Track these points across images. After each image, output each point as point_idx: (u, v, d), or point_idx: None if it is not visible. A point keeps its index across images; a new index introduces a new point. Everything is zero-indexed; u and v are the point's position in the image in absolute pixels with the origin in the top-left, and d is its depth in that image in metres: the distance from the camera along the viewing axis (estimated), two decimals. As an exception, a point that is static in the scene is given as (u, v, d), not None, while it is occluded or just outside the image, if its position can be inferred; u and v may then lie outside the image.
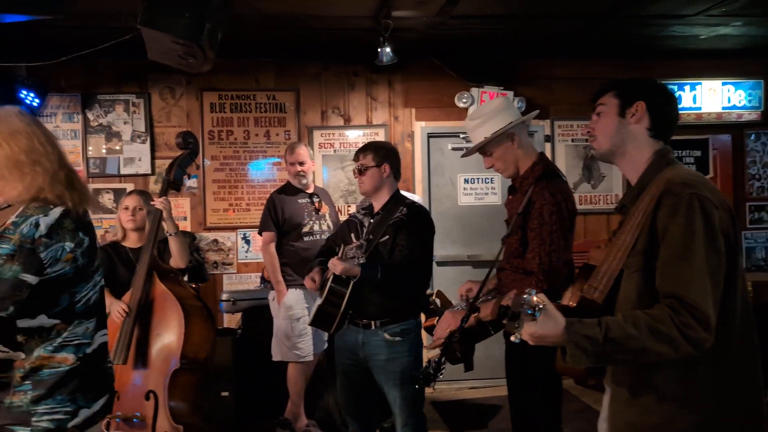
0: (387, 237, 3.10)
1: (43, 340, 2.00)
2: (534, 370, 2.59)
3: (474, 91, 5.54)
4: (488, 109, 2.75)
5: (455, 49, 5.45)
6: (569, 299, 1.85)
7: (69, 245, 1.99)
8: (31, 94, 5.03)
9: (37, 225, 1.94)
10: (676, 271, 1.65)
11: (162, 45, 3.56)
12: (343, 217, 5.45)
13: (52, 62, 4.52)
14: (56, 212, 1.98)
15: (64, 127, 5.35)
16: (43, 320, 1.99)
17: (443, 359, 2.43)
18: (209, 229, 5.55)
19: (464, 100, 5.52)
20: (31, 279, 1.92)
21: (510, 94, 5.53)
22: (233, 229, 5.57)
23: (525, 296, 1.58)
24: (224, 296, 4.99)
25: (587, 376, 1.82)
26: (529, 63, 5.75)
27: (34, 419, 1.99)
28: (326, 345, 4.57)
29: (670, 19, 4.80)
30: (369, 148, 3.28)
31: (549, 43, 5.43)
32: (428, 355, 2.61)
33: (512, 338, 1.61)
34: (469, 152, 2.85)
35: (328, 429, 4.53)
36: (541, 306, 1.58)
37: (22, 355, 1.99)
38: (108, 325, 3.21)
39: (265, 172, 5.59)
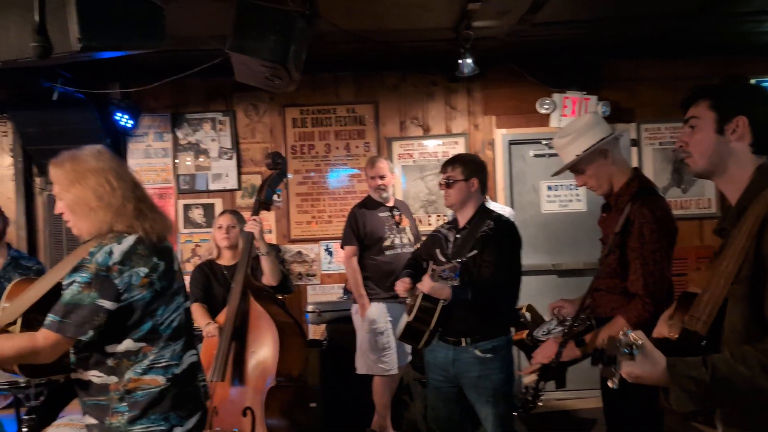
0: (475, 252, 3.06)
1: (132, 363, 2.11)
2: (631, 387, 2.50)
3: (556, 96, 5.43)
4: (578, 125, 2.68)
5: (535, 54, 5.35)
6: (669, 330, 1.76)
7: (143, 270, 2.10)
8: (126, 116, 5.28)
9: (110, 253, 2.06)
10: None
11: (249, 68, 3.65)
12: (422, 227, 5.46)
13: (146, 87, 4.72)
14: (130, 240, 2.11)
15: (155, 145, 5.58)
16: (129, 344, 2.10)
17: (541, 385, 2.39)
18: (293, 242, 5.66)
19: (546, 106, 5.42)
20: (108, 305, 2.04)
21: (593, 98, 5.39)
22: (316, 240, 5.67)
23: (621, 337, 1.48)
24: (310, 307, 5.08)
25: (696, 413, 1.72)
26: (613, 65, 5.57)
27: None
28: (410, 358, 4.58)
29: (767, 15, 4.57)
30: (457, 161, 3.24)
31: (634, 44, 5.25)
32: (525, 381, 2.57)
33: (610, 384, 1.50)
34: (560, 171, 2.78)
35: (415, 441, 4.54)
36: (638, 343, 1.49)
37: (116, 379, 2.11)
38: (206, 342, 3.38)
39: (345, 184, 5.66)
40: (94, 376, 2.12)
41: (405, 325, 3.17)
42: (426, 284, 2.94)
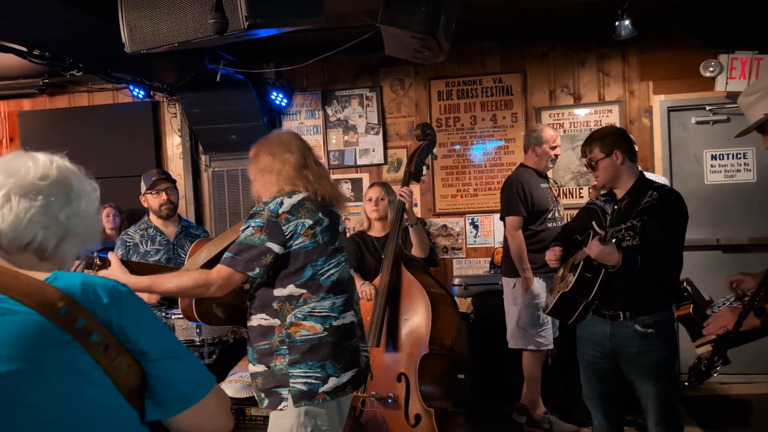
0: (639, 223, 2.90)
1: (293, 308, 2.32)
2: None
3: (722, 57, 5.00)
4: (768, 82, 2.45)
5: (698, 13, 4.94)
6: None
7: (308, 222, 2.33)
8: (280, 95, 5.53)
9: (281, 203, 2.33)
10: None
11: (399, 41, 3.68)
12: (573, 200, 5.29)
13: (299, 66, 4.91)
14: (299, 196, 2.37)
15: (307, 123, 5.81)
16: (292, 289, 2.34)
17: (716, 357, 2.24)
18: (438, 215, 5.69)
19: (711, 69, 5.00)
20: (276, 248, 2.29)
21: (767, 58, 4.91)
22: (461, 214, 5.65)
23: None
24: (456, 280, 5.10)
25: None
26: (792, 19, 5.03)
27: (291, 380, 2.30)
28: (557, 333, 4.46)
29: None
30: (593, 140, 3.11)
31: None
32: (699, 351, 2.43)
33: None
34: (744, 132, 2.56)
35: (566, 417, 4.43)
36: None
37: (278, 322, 2.34)
38: (361, 307, 3.49)
39: (491, 156, 5.58)
40: (262, 319, 2.37)
41: (558, 296, 3.09)
42: (595, 248, 2.83)
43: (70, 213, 1.27)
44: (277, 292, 2.34)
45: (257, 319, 2.38)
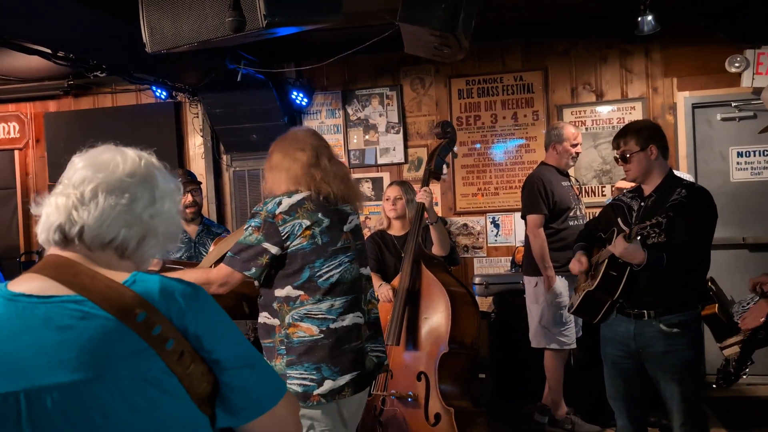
0: (666, 220, 2.85)
1: (290, 309, 2.33)
2: None
3: (748, 53, 4.91)
4: (791, 76, 2.40)
5: (722, 7, 4.86)
6: None
7: (306, 223, 2.32)
8: (301, 95, 5.54)
9: (279, 203, 2.33)
10: None
11: (419, 38, 3.67)
12: (596, 198, 5.23)
13: (319, 65, 4.92)
14: (299, 195, 2.36)
15: (328, 122, 5.81)
16: (289, 291, 2.35)
17: (746, 358, 2.19)
18: (459, 214, 5.66)
19: (737, 64, 4.91)
20: (272, 249, 2.30)
21: (795, 52, 4.81)
22: (482, 213, 5.62)
23: None
24: (477, 279, 5.08)
25: None
26: (822, 13, 4.93)
27: (288, 381, 2.30)
28: (580, 332, 4.42)
29: None
30: (629, 132, 3.04)
31: None
32: (726, 353, 2.39)
33: None
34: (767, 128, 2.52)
35: (589, 418, 4.38)
36: None
37: (278, 322, 2.35)
38: (380, 307, 3.48)
39: (512, 155, 5.54)
40: (266, 317, 2.39)
41: (583, 295, 3.06)
42: (619, 246, 2.79)
43: (154, 212, 1.26)
44: (277, 292, 2.36)
45: (262, 317, 2.42)
